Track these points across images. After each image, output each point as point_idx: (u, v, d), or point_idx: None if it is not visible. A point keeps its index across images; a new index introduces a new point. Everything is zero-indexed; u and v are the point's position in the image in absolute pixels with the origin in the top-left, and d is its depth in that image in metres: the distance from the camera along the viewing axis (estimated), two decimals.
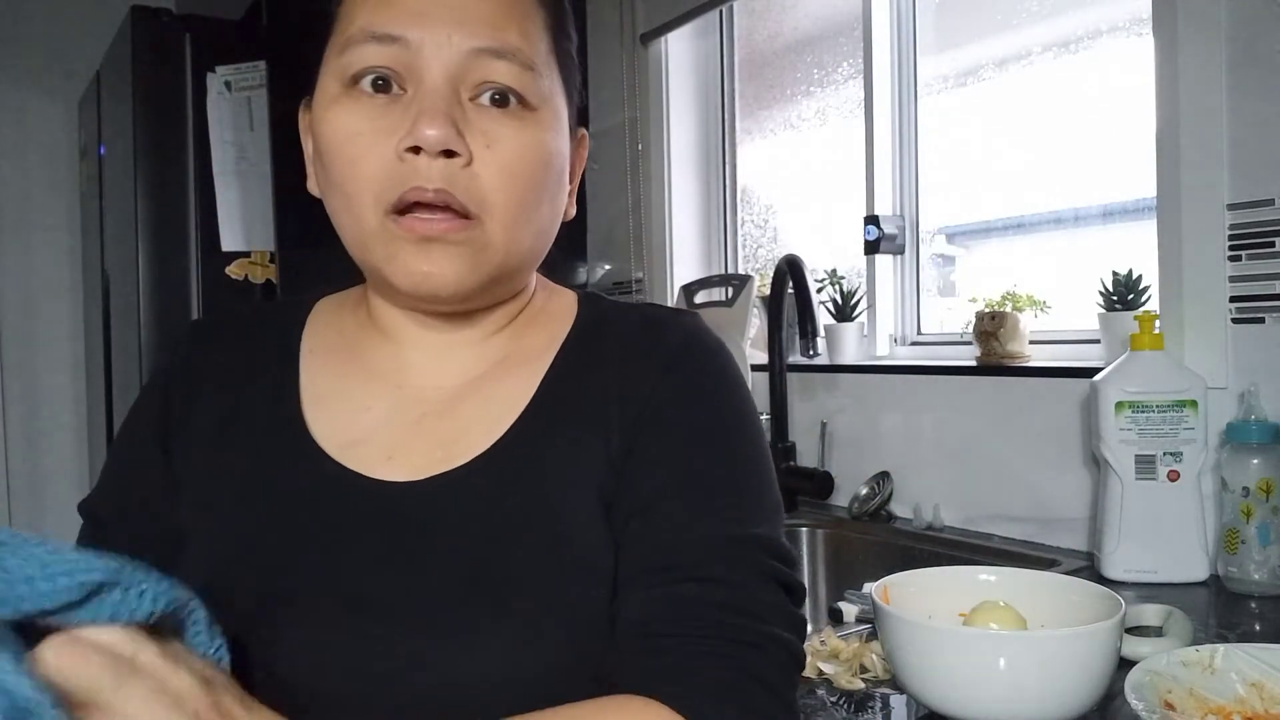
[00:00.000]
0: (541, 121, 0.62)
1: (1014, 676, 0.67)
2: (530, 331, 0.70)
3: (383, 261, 0.60)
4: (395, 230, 0.59)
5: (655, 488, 0.62)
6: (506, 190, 0.60)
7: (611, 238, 2.25)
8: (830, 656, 0.88)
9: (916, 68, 1.68)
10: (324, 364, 0.68)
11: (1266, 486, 1.05)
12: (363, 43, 0.59)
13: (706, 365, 0.67)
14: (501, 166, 0.60)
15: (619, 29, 2.15)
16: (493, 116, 0.60)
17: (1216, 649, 0.73)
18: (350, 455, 0.64)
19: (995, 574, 0.84)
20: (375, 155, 0.59)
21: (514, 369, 0.68)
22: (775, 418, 1.59)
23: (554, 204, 0.66)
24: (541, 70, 0.62)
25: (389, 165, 0.58)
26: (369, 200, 0.59)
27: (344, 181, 0.60)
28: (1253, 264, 1.12)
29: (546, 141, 0.62)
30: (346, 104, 0.60)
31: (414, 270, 0.60)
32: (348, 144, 0.59)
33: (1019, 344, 1.39)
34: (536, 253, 0.66)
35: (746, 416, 0.67)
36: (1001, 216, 1.59)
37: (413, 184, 0.58)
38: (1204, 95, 1.14)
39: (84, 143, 2.59)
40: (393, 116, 0.59)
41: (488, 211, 0.60)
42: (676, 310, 0.72)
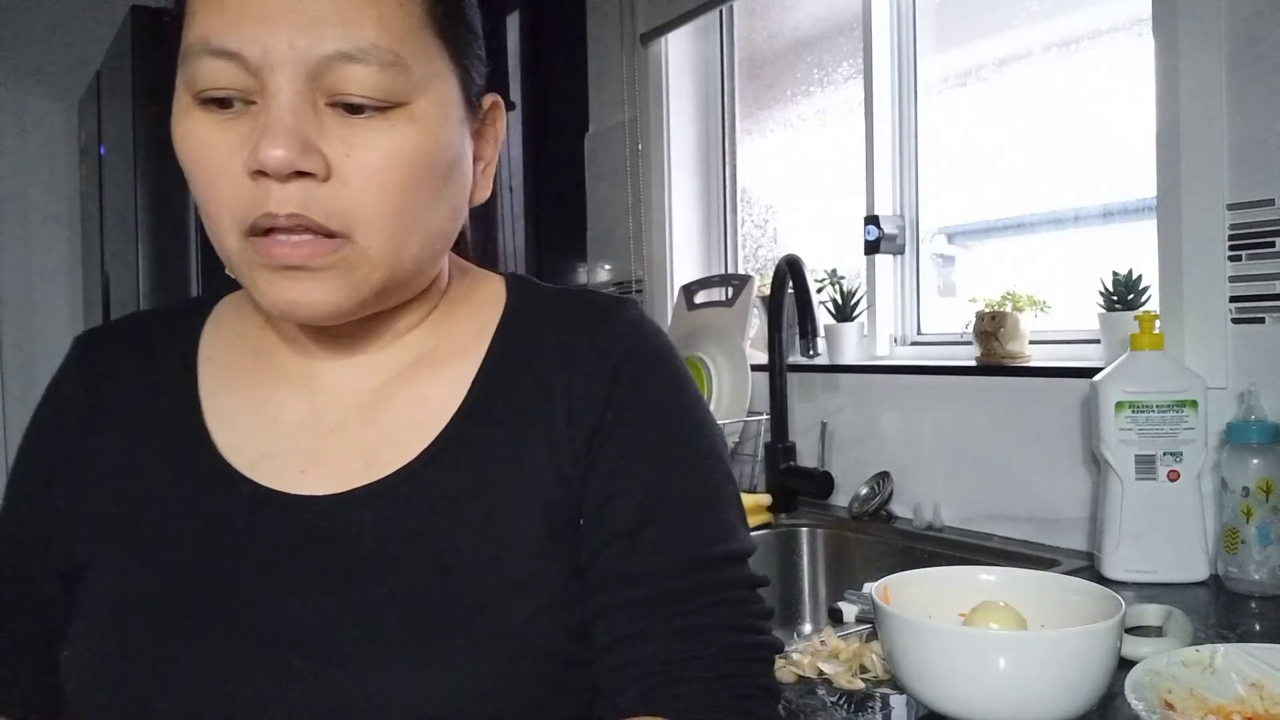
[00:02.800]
0: (416, 115, 0.55)
1: (1014, 676, 0.67)
2: (452, 323, 0.65)
3: (250, 286, 0.56)
4: (254, 256, 0.54)
5: (634, 513, 0.59)
6: (378, 201, 0.54)
7: (611, 238, 2.25)
8: (830, 656, 0.88)
9: (916, 68, 1.68)
10: (225, 373, 0.63)
11: (1266, 486, 1.05)
12: (201, 55, 0.53)
13: (660, 364, 0.64)
14: (369, 176, 0.53)
15: (619, 29, 2.15)
16: (352, 123, 0.53)
17: (1216, 649, 0.73)
18: (262, 470, 0.59)
19: (995, 574, 0.84)
20: (228, 174, 0.53)
21: (440, 366, 0.63)
22: (775, 418, 1.59)
23: (448, 199, 0.59)
24: (411, 58, 0.54)
25: (242, 185, 0.53)
26: (227, 222, 0.54)
27: (202, 201, 0.55)
28: (1253, 264, 1.12)
29: (423, 137, 0.55)
30: (197, 116, 0.54)
31: (279, 299, 0.54)
32: (201, 161, 0.54)
33: (1019, 344, 1.39)
34: (433, 255, 0.60)
35: (704, 413, 0.65)
36: (1001, 216, 1.59)
37: (264, 209, 0.52)
38: (1204, 95, 1.14)
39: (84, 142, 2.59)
40: (242, 130, 0.53)
41: (358, 227, 0.54)
42: (618, 299, 0.67)
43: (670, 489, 0.60)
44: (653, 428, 0.61)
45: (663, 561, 0.58)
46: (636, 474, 0.60)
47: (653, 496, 0.59)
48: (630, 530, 0.59)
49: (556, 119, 2.54)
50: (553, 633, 0.56)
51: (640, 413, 0.61)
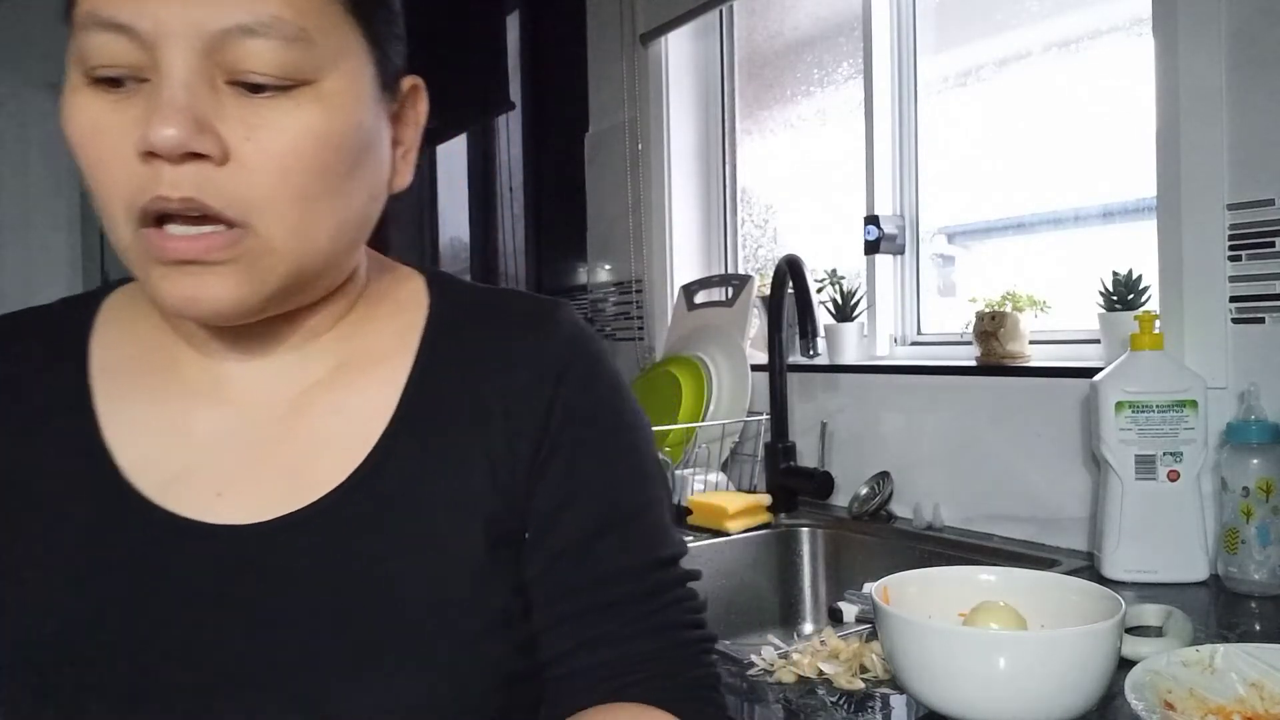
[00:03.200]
0: (323, 94, 0.51)
1: (1014, 676, 0.67)
2: (373, 324, 0.61)
3: (144, 282, 0.51)
4: (147, 249, 0.49)
5: (588, 522, 0.58)
6: (280, 187, 0.50)
7: (611, 238, 2.25)
8: (830, 656, 0.88)
9: (916, 68, 1.68)
10: (123, 381, 0.57)
11: (1266, 486, 1.05)
12: (89, 28, 0.48)
13: (601, 369, 0.62)
14: (270, 159, 0.49)
15: (619, 29, 2.15)
16: (253, 103, 0.49)
17: (1216, 649, 0.73)
18: (175, 495, 0.54)
19: (995, 574, 0.84)
20: (119, 157, 0.48)
21: (363, 372, 0.59)
22: (775, 418, 1.59)
23: (360, 185, 0.54)
24: (319, 33, 0.50)
25: (133, 168, 0.48)
26: (119, 210, 0.49)
27: (92, 187, 0.50)
28: (1253, 264, 1.12)
29: (331, 118, 0.51)
30: (87, 95, 0.49)
31: (175, 295, 0.50)
32: (90, 143, 0.49)
33: (1019, 344, 1.39)
34: (346, 245, 0.56)
35: (641, 417, 0.64)
36: (1001, 216, 1.59)
37: (154, 192, 0.48)
38: (1204, 95, 1.14)
39: None
40: (135, 109, 0.48)
41: (259, 215, 0.50)
42: (553, 302, 0.64)
43: (620, 496, 0.60)
44: (599, 435, 0.60)
45: (621, 567, 0.59)
46: (587, 483, 0.59)
47: (605, 505, 0.59)
48: (585, 539, 0.58)
49: (556, 119, 2.54)
50: (499, 650, 0.55)
51: (586, 421, 0.60)
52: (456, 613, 0.54)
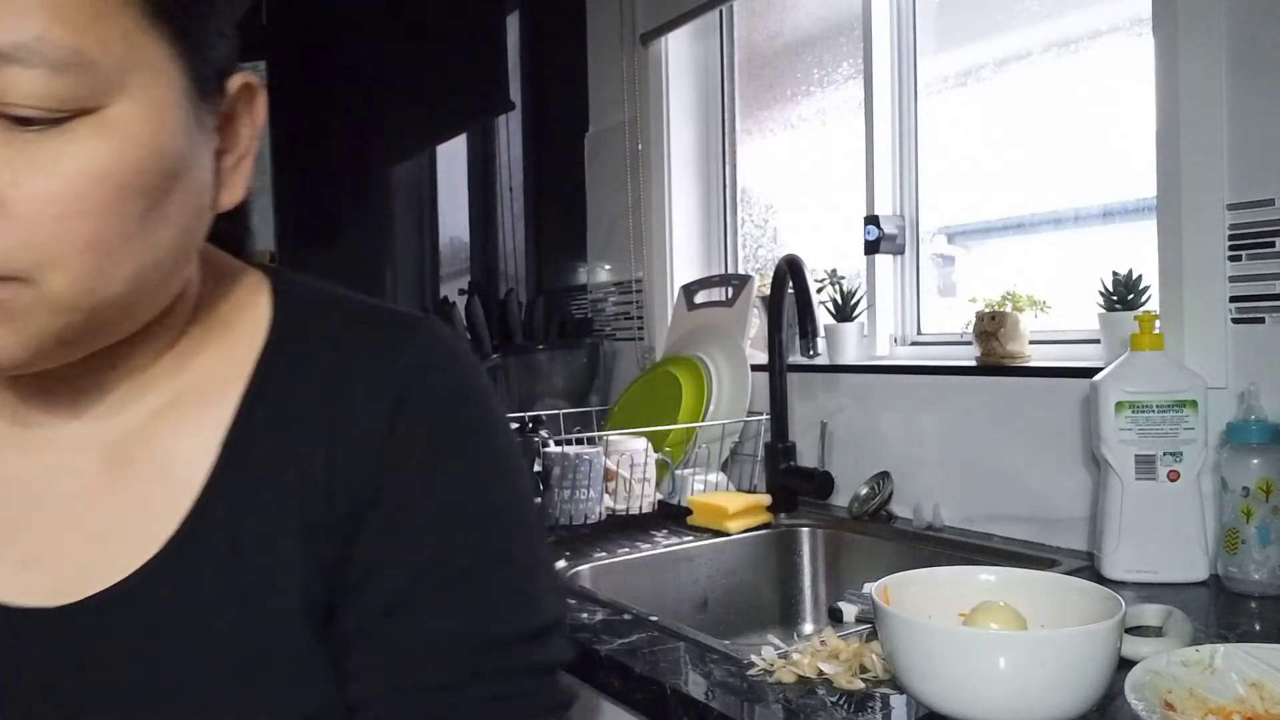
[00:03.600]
0: (109, 123, 0.43)
1: (1014, 676, 0.67)
2: (203, 357, 0.52)
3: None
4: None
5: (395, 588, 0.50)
6: (59, 237, 0.42)
7: (611, 238, 2.25)
8: (830, 656, 0.88)
9: (916, 68, 1.68)
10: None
11: (1266, 486, 1.05)
12: None
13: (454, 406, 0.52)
14: (44, 207, 0.42)
15: (619, 29, 2.15)
16: (18, 140, 0.41)
17: (1216, 649, 0.73)
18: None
19: (995, 574, 0.84)
20: None
21: (188, 413, 0.50)
22: (775, 418, 1.59)
23: (169, 218, 0.46)
24: (101, 49, 0.42)
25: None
26: None
27: None
28: (1253, 264, 1.12)
29: (122, 149, 0.43)
30: None
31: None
32: None
33: (1019, 344, 1.39)
34: (153, 286, 0.47)
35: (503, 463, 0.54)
36: (1001, 216, 1.59)
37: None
38: (1204, 95, 1.14)
39: None
40: None
41: (36, 269, 0.42)
42: (412, 317, 0.55)
43: (453, 549, 0.50)
44: (432, 485, 0.50)
45: (424, 647, 0.49)
46: (404, 541, 0.50)
47: (418, 568, 0.49)
48: (388, 608, 0.49)
49: (556, 119, 2.54)
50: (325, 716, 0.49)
51: (419, 468, 0.50)
52: (282, 698, 0.48)
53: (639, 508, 1.51)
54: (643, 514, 1.51)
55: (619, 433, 1.60)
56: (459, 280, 3.15)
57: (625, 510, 1.51)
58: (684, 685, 0.85)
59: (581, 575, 1.28)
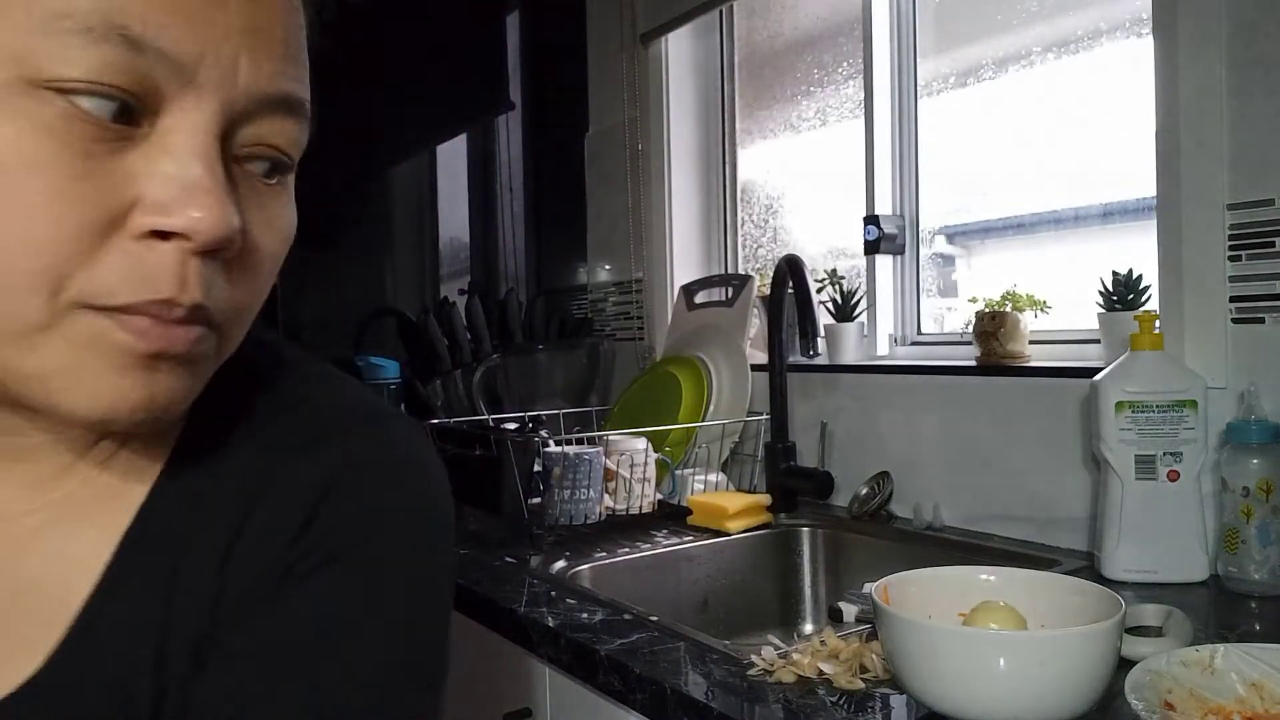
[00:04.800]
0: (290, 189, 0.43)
1: (1014, 676, 0.67)
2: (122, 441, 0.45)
3: (44, 371, 0.36)
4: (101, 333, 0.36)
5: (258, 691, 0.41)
6: (260, 290, 0.41)
7: (611, 238, 2.25)
8: (830, 656, 0.88)
9: (916, 68, 1.68)
10: None
11: (1266, 486, 1.05)
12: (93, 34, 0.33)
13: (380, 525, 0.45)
14: (266, 260, 0.40)
15: (619, 29, 2.15)
16: (257, 196, 0.40)
17: (1216, 649, 0.73)
18: None
19: (995, 574, 0.84)
20: (70, 216, 0.34)
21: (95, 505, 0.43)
22: (775, 418, 1.59)
23: None
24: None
25: (87, 240, 0.35)
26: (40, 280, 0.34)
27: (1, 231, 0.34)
28: (1253, 264, 1.12)
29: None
30: (27, 113, 0.34)
31: (125, 395, 0.36)
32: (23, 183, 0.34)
33: (1019, 344, 1.39)
34: None
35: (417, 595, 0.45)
36: (1001, 216, 1.59)
37: (155, 293, 0.35)
38: (1204, 95, 1.14)
39: None
40: (115, 161, 0.35)
41: (232, 319, 0.40)
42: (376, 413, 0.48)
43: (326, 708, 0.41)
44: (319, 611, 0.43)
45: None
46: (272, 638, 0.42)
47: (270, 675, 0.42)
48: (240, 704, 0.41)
49: (556, 119, 2.54)
50: None
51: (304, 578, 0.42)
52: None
53: (639, 508, 1.51)
54: (643, 514, 1.51)
55: (619, 433, 1.60)
56: (459, 280, 3.15)
57: (625, 510, 1.51)
58: (684, 685, 0.85)
59: (581, 575, 1.28)
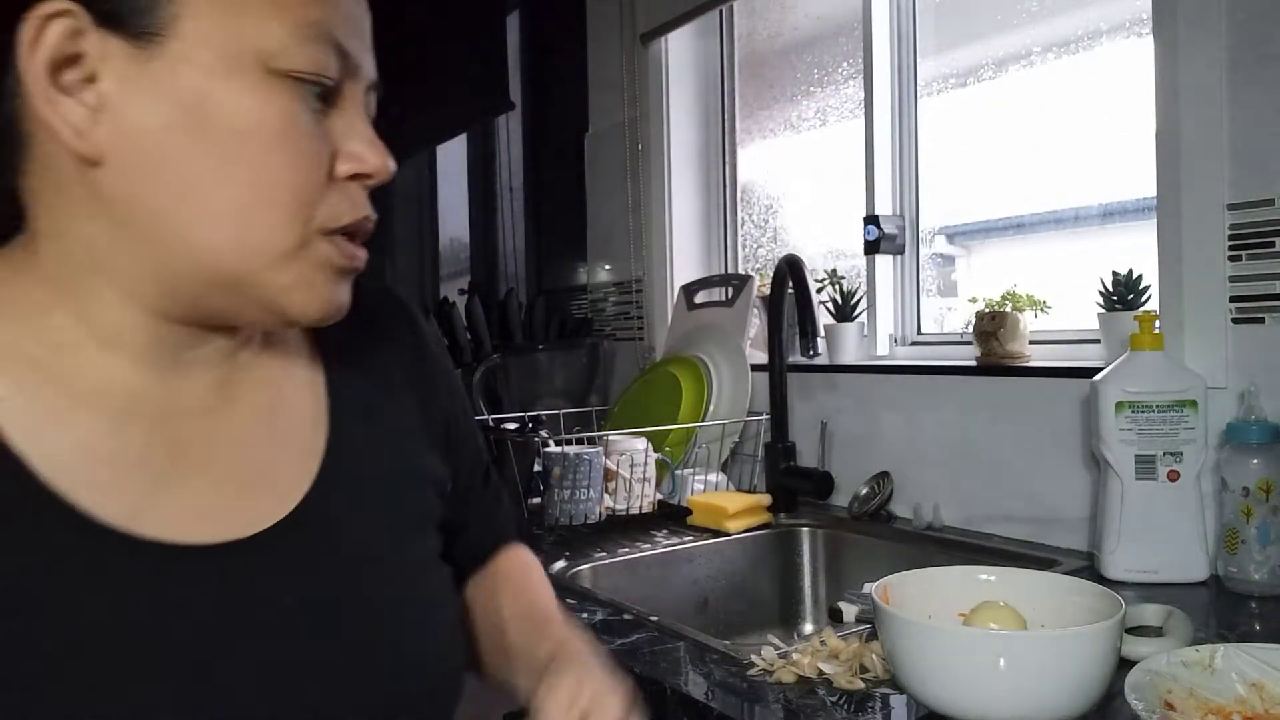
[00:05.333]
0: None
1: (1014, 676, 0.67)
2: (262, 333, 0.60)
3: (287, 284, 0.51)
4: (329, 255, 0.52)
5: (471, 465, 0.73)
6: None
7: (611, 237, 2.25)
8: (830, 656, 0.88)
9: (916, 68, 1.68)
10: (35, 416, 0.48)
11: (1266, 486, 1.05)
12: (314, 41, 0.49)
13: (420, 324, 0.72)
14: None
15: (619, 29, 2.15)
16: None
17: (1216, 649, 0.73)
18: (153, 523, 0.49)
19: (995, 574, 0.84)
20: (314, 168, 0.50)
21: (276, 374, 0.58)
22: (775, 418, 1.59)
23: None
24: None
25: (321, 183, 0.51)
26: (295, 214, 0.50)
27: (265, 180, 0.49)
28: (1253, 264, 1.12)
29: None
30: (282, 94, 0.49)
31: (331, 300, 0.53)
32: (282, 143, 0.49)
33: (1019, 344, 1.39)
34: None
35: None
36: (1001, 216, 1.59)
37: (362, 213, 0.53)
38: (1204, 95, 1.14)
39: None
40: (323, 129, 0.51)
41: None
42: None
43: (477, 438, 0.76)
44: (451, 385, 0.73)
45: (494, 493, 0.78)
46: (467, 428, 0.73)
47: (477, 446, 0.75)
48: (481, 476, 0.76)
49: (556, 119, 2.54)
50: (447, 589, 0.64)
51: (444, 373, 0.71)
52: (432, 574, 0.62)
53: (639, 508, 1.51)
54: (643, 514, 1.51)
55: (619, 433, 1.60)
56: (459, 280, 3.15)
57: (625, 510, 1.51)
58: (684, 685, 0.85)
59: (581, 575, 1.28)
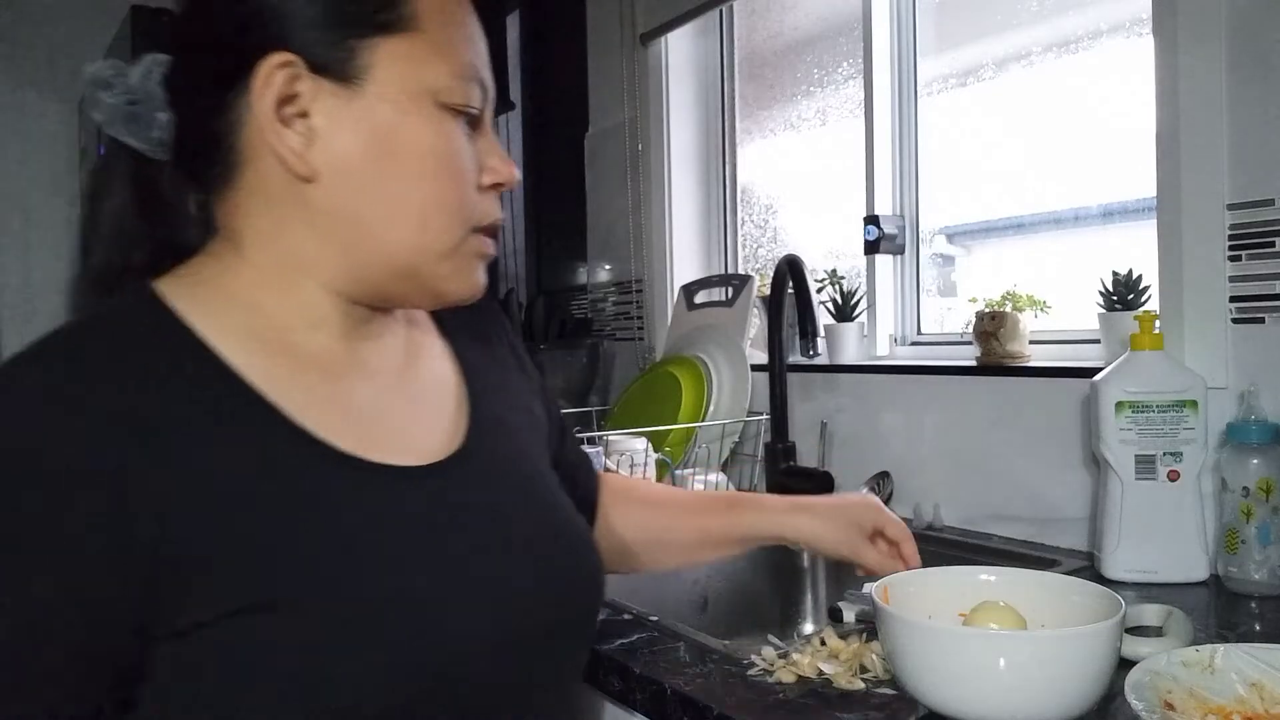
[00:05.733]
0: None
1: (1014, 676, 0.67)
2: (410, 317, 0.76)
3: (447, 273, 0.66)
4: (479, 249, 0.67)
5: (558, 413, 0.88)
6: None
7: (611, 238, 2.25)
8: (830, 656, 0.88)
9: (916, 68, 1.68)
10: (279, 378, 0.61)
11: (1266, 486, 1.05)
12: (470, 80, 0.64)
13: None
14: None
15: (619, 29, 2.15)
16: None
17: (1216, 649, 0.73)
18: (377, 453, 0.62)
19: (995, 574, 0.84)
20: (470, 181, 0.65)
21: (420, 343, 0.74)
22: (775, 418, 1.59)
23: None
24: None
25: (473, 192, 0.65)
26: (459, 218, 0.64)
27: (439, 192, 0.63)
28: (1253, 264, 1.12)
29: None
30: (448, 124, 0.64)
31: (476, 283, 0.68)
32: (451, 163, 0.63)
33: (1019, 344, 1.39)
34: None
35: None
36: (1001, 216, 1.59)
37: (498, 214, 0.68)
38: (1204, 95, 1.14)
39: (84, 143, 2.59)
40: (473, 148, 0.66)
41: None
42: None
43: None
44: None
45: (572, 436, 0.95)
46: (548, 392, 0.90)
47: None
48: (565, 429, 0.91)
49: (556, 119, 2.54)
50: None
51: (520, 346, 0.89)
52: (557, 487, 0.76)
53: None
54: None
55: (619, 433, 1.60)
56: None
57: None
58: (684, 685, 0.85)
59: None
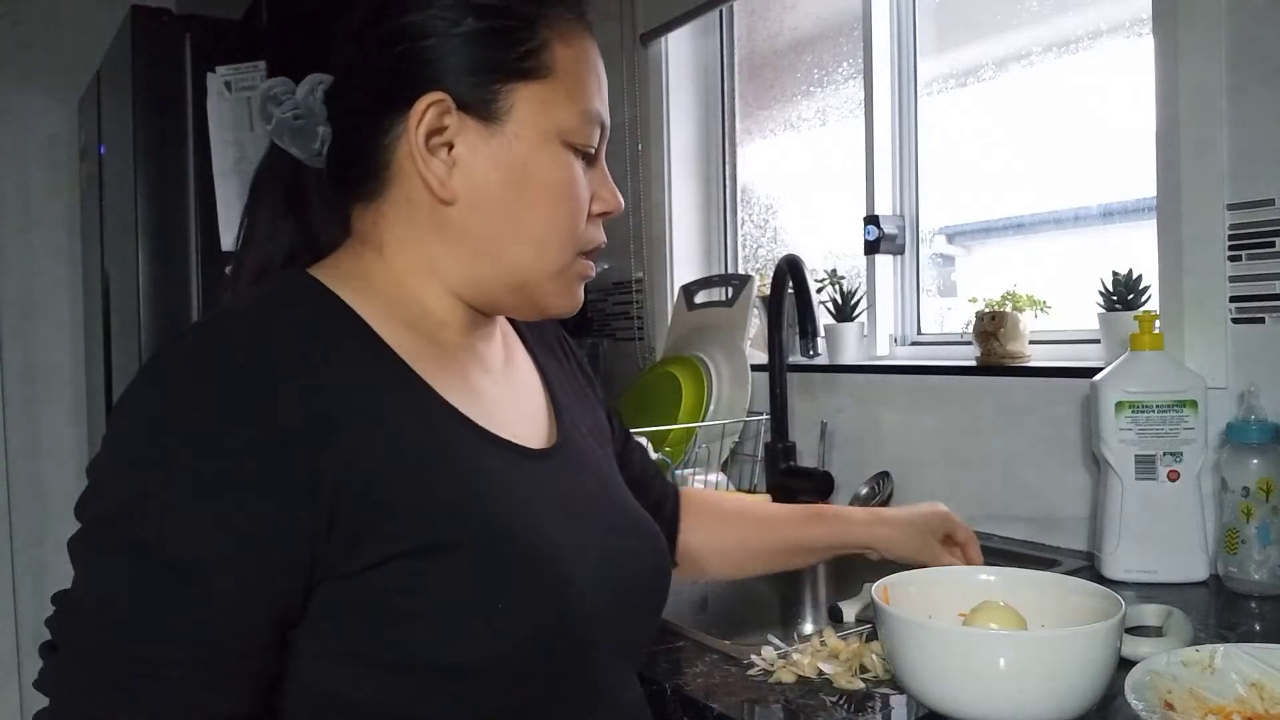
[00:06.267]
0: None
1: (1014, 676, 0.67)
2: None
3: (555, 290, 0.73)
4: (582, 270, 0.74)
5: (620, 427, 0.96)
6: None
7: (611, 237, 2.23)
8: (830, 656, 0.88)
9: (916, 68, 1.68)
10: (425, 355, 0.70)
11: (1266, 486, 1.05)
12: (593, 122, 0.71)
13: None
14: None
15: (619, 29, 2.15)
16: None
17: (1216, 649, 0.73)
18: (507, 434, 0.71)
19: (995, 574, 0.84)
20: (584, 210, 0.72)
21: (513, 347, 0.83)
22: (775, 418, 1.59)
23: None
24: None
25: (585, 220, 0.72)
26: (571, 243, 0.71)
27: (558, 221, 0.70)
28: (1253, 264, 1.12)
29: None
30: (571, 160, 0.70)
31: (577, 300, 0.75)
32: (570, 195, 0.70)
33: (1019, 344, 1.39)
34: None
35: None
36: (1001, 216, 1.59)
37: (602, 239, 0.75)
38: (1204, 95, 1.14)
39: (84, 143, 2.59)
40: (587, 180, 0.72)
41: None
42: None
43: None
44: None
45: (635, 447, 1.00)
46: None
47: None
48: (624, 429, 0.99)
49: None
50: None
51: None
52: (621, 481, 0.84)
53: None
54: None
55: None
56: None
57: None
58: (684, 685, 0.85)
59: None
